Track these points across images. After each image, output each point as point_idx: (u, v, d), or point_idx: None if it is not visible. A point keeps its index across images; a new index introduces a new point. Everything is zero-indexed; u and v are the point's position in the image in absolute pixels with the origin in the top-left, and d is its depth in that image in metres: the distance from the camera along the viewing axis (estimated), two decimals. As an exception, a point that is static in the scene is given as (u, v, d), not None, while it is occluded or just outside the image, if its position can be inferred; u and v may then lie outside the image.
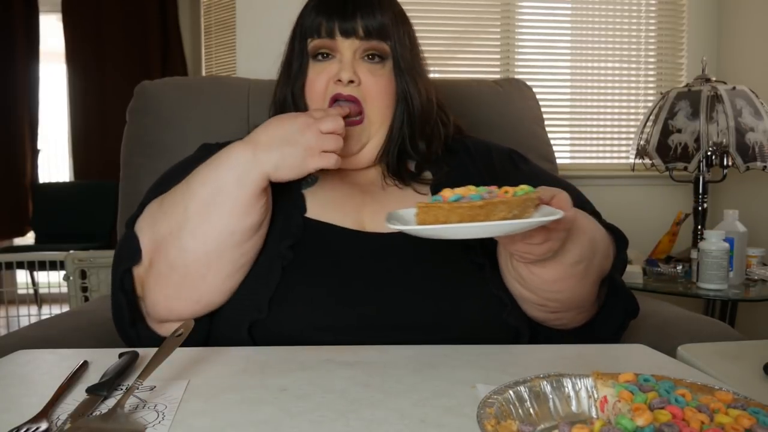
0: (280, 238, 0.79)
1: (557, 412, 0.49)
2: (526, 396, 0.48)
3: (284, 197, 0.83)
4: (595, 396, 0.49)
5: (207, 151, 0.89)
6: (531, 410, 0.48)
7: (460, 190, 0.60)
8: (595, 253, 0.75)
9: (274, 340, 0.73)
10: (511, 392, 0.48)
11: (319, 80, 0.85)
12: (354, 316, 0.74)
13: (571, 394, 0.50)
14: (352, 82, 0.83)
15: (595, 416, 0.48)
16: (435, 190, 0.87)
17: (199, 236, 0.72)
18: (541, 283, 0.73)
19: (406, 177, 0.89)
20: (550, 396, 0.49)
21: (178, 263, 0.73)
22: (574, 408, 0.49)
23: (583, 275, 0.74)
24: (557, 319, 0.79)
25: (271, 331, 0.74)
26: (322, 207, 0.85)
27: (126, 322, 0.78)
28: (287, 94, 0.90)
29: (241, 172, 0.72)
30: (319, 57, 0.86)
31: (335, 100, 0.84)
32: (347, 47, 0.84)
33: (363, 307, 0.75)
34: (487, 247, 0.79)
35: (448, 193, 0.59)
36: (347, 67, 0.83)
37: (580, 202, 0.85)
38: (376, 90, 0.85)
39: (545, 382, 0.50)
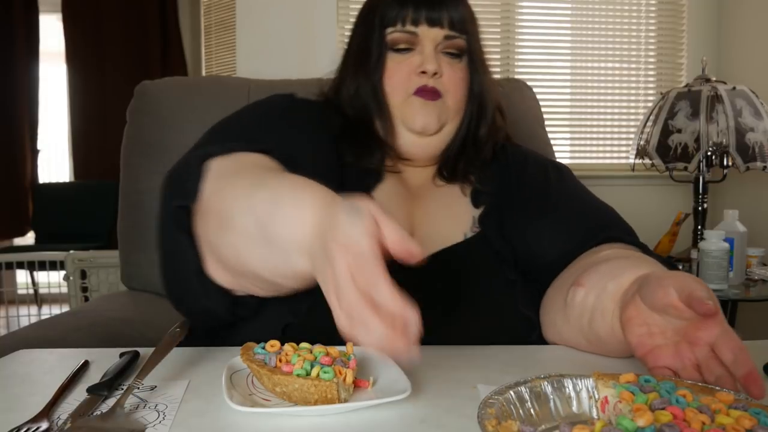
0: None
1: (558, 413, 0.48)
2: (526, 396, 0.48)
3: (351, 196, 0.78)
4: (596, 396, 0.49)
5: (293, 105, 0.86)
6: (532, 411, 0.48)
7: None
8: None
9: (307, 340, 0.69)
10: (511, 392, 0.47)
11: (401, 71, 0.84)
12: None
13: (572, 394, 0.50)
14: (435, 73, 0.82)
15: (595, 417, 0.48)
16: (474, 195, 0.87)
17: (235, 255, 0.60)
18: (618, 344, 0.63)
19: (459, 175, 0.88)
20: (551, 396, 0.49)
21: (215, 251, 0.62)
22: (574, 408, 0.49)
23: None
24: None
25: (304, 335, 0.70)
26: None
27: (191, 270, 0.63)
28: (362, 87, 0.86)
29: (285, 249, 0.53)
30: (399, 50, 0.84)
31: (417, 92, 0.83)
32: (429, 39, 0.83)
33: None
34: (519, 263, 0.79)
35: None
36: (431, 59, 0.82)
37: (612, 221, 0.84)
38: (455, 83, 0.84)
39: (546, 383, 0.50)
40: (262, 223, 0.54)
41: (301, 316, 0.72)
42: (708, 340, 0.52)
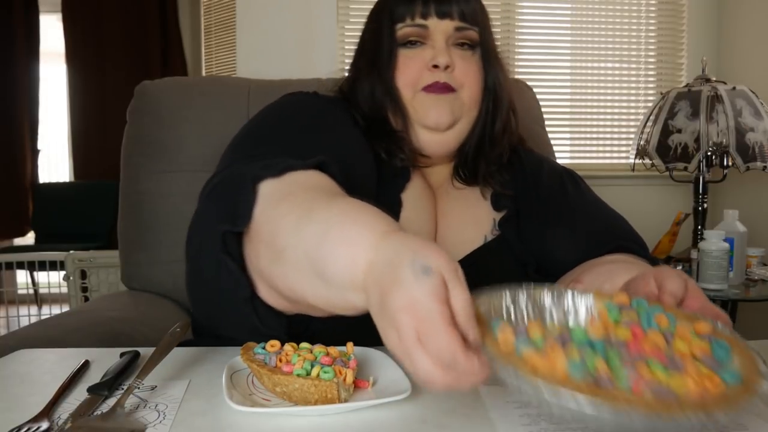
0: None
1: (552, 325, 0.46)
2: (523, 304, 0.48)
3: (381, 198, 0.76)
4: (594, 313, 0.48)
5: (329, 104, 0.83)
6: (525, 316, 0.47)
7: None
8: None
9: (308, 339, 0.65)
10: (508, 297, 0.47)
11: (412, 66, 0.82)
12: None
13: (570, 308, 0.49)
14: (447, 67, 0.81)
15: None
16: (495, 198, 0.86)
17: (288, 288, 0.55)
18: None
19: (479, 175, 0.87)
20: (549, 307, 0.48)
21: (267, 280, 0.57)
22: (570, 323, 0.48)
23: None
24: None
25: (306, 334, 0.66)
26: (412, 211, 0.82)
27: (241, 296, 0.57)
28: (376, 84, 0.84)
29: (339, 287, 0.49)
30: (409, 44, 0.83)
31: (428, 87, 0.81)
32: (440, 32, 0.82)
33: None
34: (541, 264, 0.80)
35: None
36: (443, 52, 0.81)
37: (625, 232, 0.84)
38: (469, 75, 0.83)
39: (547, 292, 0.49)
40: (312, 260, 0.50)
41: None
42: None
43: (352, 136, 0.81)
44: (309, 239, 0.51)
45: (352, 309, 0.50)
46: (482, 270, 0.79)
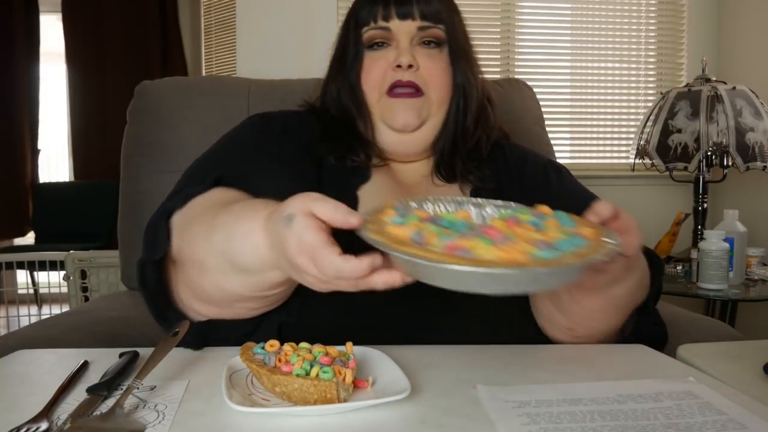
0: None
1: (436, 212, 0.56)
2: (427, 204, 0.57)
3: (338, 197, 0.80)
4: (491, 212, 0.58)
5: (266, 123, 0.88)
6: (416, 206, 0.56)
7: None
8: (640, 287, 0.72)
9: (304, 339, 0.70)
10: (429, 200, 0.57)
11: (376, 67, 0.84)
12: (384, 324, 0.72)
13: (470, 207, 0.58)
14: (411, 66, 0.82)
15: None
16: (474, 194, 0.85)
17: (219, 290, 0.66)
18: (579, 310, 0.69)
19: (457, 172, 0.87)
20: (447, 204, 0.57)
21: (201, 294, 0.69)
22: (448, 211, 0.57)
23: (623, 307, 0.71)
24: (574, 342, 0.76)
25: (300, 333, 0.71)
26: (370, 206, 0.83)
27: (156, 317, 0.72)
28: (342, 87, 0.88)
29: (257, 272, 0.61)
30: (375, 46, 0.85)
31: (394, 86, 0.83)
32: (404, 32, 0.83)
33: (395, 314, 0.74)
34: None
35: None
36: (405, 52, 0.82)
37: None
38: (435, 74, 0.84)
39: (449, 202, 0.58)
40: (228, 259, 0.61)
41: (295, 316, 0.73)
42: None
43: (282, 150, 0.84)
44: (219, 244, 0.62)
45: (277, 285, 0.62)
46: None
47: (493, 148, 0.92)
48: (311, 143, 0.86)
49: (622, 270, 0.62)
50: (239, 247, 0.60)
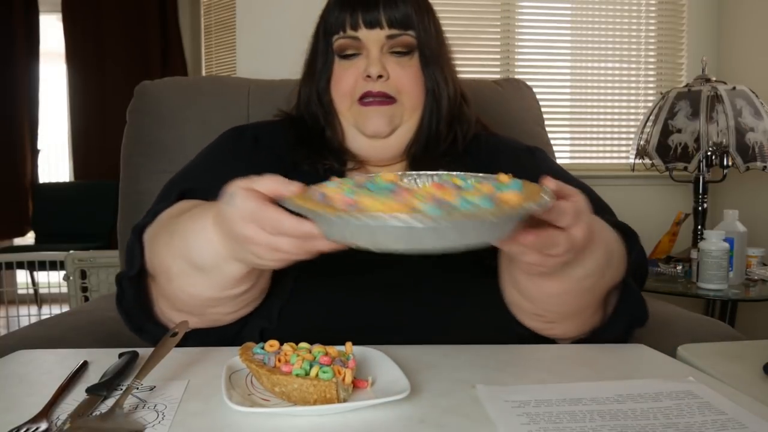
0: None
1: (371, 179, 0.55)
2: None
3: None
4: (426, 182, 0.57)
5: (238, 135, 0.89)
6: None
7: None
8: (609, 267, 0.68)
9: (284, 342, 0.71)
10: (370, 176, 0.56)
11: (347, 77, 0.84)
12: (364, 329, 0.72)
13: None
14: (381, 77, 0.82)
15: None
16: None
17: (188, 295, 0.68)
18: (541, 294, 0.67)
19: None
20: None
21: (175, 302, 0.71)
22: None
23: (590, 289, 0.68)
24: (550, 329, 0.74)
25: (281, 339, 0.71)
26: None
27: (134, 330, 0.75)
28: (311, 93, 0.88)
29: (215, 266, 0.63)
30: (345, 56, 0.85)
31: (365, 96, 0.83)
32: (373, 41, 0.83)
33: (374, 318, 0.74)
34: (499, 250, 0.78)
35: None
36: (375, 62, 0.82)
37: (599, 208, 0.79)
38: (406, 81, 0.84)
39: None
40: (189, 260, 0.64)
41: (275, 322, 0.74)
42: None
43: (251, 161, 0.85)
44: (178, 248, 0.65)
45: (240, 280, 0.64)
46: (440, 257, 0.77)
47: (469, 142, 0.92)
48: (284, 152, 0.87)
49: (566, 251, 0.57)
50: (194, 244, 0.63)
